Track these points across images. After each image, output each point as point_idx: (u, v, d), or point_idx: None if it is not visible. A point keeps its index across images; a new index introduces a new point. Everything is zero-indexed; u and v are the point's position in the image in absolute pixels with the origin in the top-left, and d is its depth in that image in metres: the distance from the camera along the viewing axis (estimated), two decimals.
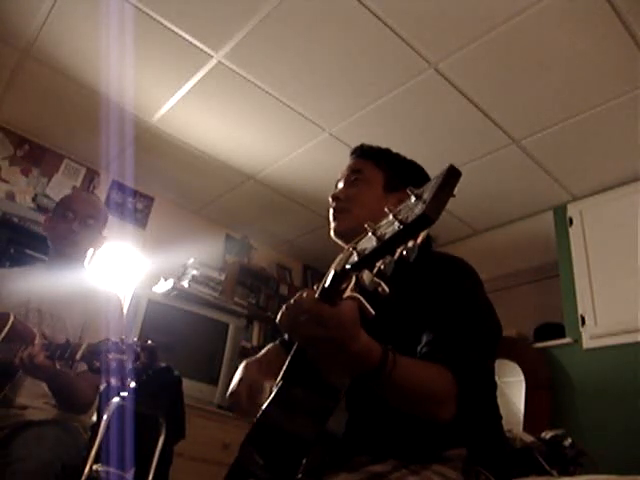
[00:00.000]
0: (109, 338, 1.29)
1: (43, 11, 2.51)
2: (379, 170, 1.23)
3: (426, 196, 0.57)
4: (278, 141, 3.23)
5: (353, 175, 1.24)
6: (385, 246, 0.61)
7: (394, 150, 1.30)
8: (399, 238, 0.59)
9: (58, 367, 1.36)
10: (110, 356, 1.24)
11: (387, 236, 0.60)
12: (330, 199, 1.23)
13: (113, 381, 1.23)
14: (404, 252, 0.60)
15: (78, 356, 1.32)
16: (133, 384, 1.24)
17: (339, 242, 1.19)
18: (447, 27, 2.33)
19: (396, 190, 1.19)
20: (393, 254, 0.61)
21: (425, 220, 0.56)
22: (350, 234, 1.09)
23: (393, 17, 2.31)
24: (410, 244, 0.59)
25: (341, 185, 1.25)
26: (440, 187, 0.56)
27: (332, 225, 1.21)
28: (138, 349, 1.26)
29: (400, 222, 0.58)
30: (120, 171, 3.66)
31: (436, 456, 0.94)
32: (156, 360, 1.27)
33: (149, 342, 1.29)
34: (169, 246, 3.73)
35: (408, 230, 0.58)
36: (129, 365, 1.23)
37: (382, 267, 0.62)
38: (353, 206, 1.19)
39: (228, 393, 1.18)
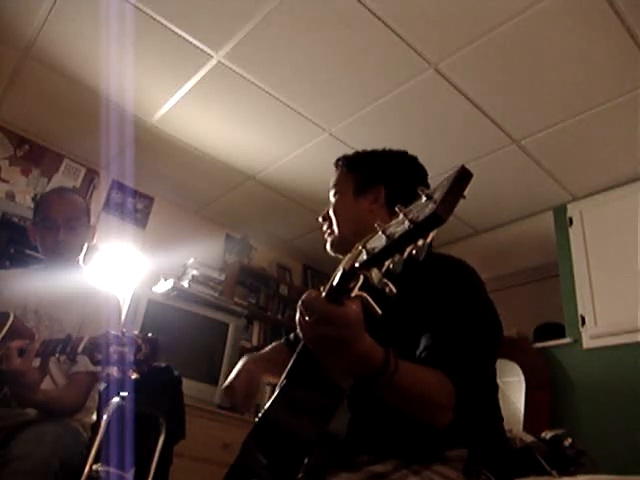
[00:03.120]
0: (110, 331, 1.28)
1: (43, 11, 2.51)
2: (349, 176, 1.25)
3: (437, 196, 0.57)
4: (278, 141, 3.23)
5: (332, 191, 1.28)
6: (395, 245, 0.61)
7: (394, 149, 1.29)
8: (409, 237, 0.59)
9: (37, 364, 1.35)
10: (111, 348, 1.24)
11: (397, 235, 0.60)
12: (320, 219, 1.28)
13: (115, 373, 1.23)
14: (414, 251, 0.60)
15: (79, 349, 1.31)
16: (135, 375, 1.23)
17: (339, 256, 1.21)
18: (447, 27, 2.33)
19: (367, 190, 1.21)
20: (402, 253, 0.61)
21: (436, 219, 0.56)
22: (342, 249, 1.16)
23: (393, 17, 2.31)
24: (420, 243, 0.59)
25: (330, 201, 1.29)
26: (451, 187, 0.57)
27: (327, 243, 1.25)
28: (139, 341, 1.25)
29: (410, 221, 0.58)
30: (120, 171, 3.65)
31: (437, 456, 0.94)
32: (158, 352, 1.26)
33: (150, 335, 1.29)
34: (169, 246, 3.73)
35: (418, 229, 0.58)
36: (130, 357, 1.23)
37: (391, 266, 0.62)
38: (335, 223, 1.22)
39: (224, 386, 1.19)
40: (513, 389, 3.11)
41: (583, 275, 3.10)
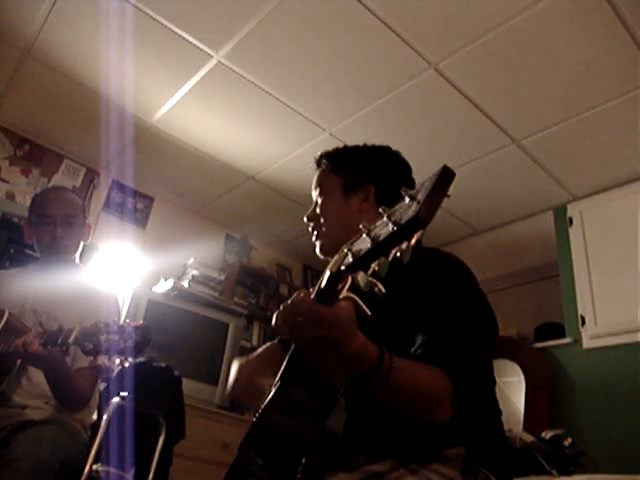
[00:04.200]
0: (101, 320, 1.29)
1: (43, 11, 2.51)
2: (336, 175, 1.22)
3: (420, 197, 0.57)
4: (278, 141, 3.23)
5: (316, 190, 1.25)
6: (379, 247, 0.60)
7: (395, 149, 1.29)
8: (393, 239, 0.59)
9: (53, 355, 1.37)
10: (103, 337, 1.24)
11: (381, 237, 0.59)
12: (306, 220, 1.24)
13: (107, 361, 1.24)
14: (398, 253, 0.60)
15: (71, 340, 1.31)
16: (127, 363, 1.24)
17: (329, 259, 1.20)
18: (447, 27, 2.33)
19: (357, 189, 1.18)
20: (387, 255, 0.61)
21: (418, 222, 0.56)
22: (332, 251, 1.10)
23: (393, 17, 2.31)
24: (404, 245, 0.59)
25: (314, 200, 1.26)
26: (434, 188, 0.56)
27: (316, 246, 1.22)
28: (130, 329, 1.26)
29: (394, 223, 0.58)
30: (120, 171, 3.66)
31: (435, 455, 0.93)
32: (149, 339, 1.27)
33: (141, 322, 1.30)
34: (169, 246, 3.73)
35: (402, 231, 0.58)
36: (122, 345, 1.24)
37: (376, 268, 0.62)
38: (323, 224, 1.19)
39: (227, 393, 1.19)
40: (513, 389, 3.11)
41: (583, 275, 3.10)
